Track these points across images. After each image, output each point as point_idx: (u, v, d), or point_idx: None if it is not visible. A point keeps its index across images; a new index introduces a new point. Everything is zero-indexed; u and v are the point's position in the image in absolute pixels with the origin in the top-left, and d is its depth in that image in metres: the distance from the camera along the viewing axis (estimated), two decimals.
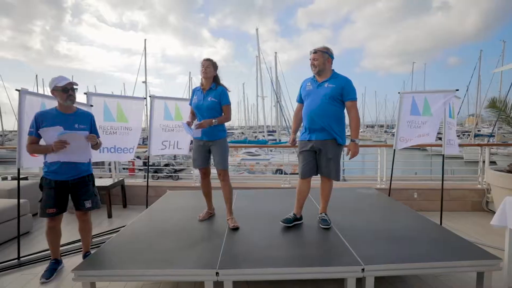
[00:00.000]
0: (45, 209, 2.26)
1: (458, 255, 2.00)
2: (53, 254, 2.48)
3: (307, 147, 2.48)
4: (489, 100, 3.80)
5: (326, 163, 2.44)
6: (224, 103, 2.55)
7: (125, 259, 2.01)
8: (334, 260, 1.97)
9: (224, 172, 2.60)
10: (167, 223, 2.66)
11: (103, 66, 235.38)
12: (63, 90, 2.21)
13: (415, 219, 2.73)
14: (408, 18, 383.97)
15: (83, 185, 2.35)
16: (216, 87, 2.55)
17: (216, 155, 2.59)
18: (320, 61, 2.37)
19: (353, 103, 2.39)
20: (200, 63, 2.57)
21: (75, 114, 2.32)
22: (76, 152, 2.22)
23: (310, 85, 2.48)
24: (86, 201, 2.37)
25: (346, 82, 2.38)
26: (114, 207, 4.28)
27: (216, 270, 1.83)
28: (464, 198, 4.13)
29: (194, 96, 2.62)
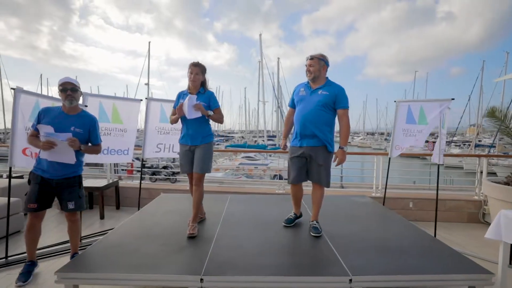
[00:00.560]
0: (27, 203, 2.26)
1: (449, 268, 1.97)
2: (30, 255, 2.41)
3: (297, 153, 2.48)
4: (488, 109, 3.78)
5: (317, 169, 2.44)
6: (215, 106, 2.53)
7: (110, 262, 1.97)
8: (322, 270, 1.93)
9: (200, 176, 2.50)
10: (156, 227, 2.63)
11: (108, 67, 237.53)
12: (62, 90, 2.23)
13: (408, 229, 2.70)
14: (412, 27, 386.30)
15: (68, 186, 2.33)
16: (204, 91, 2.52)
17: (197, 157, 2.50)
18: (316, 67, 2.39)
19: (344, 111, 2.41)
20: (189, 67, 2.49)
21: (77, 115, 2.33)
22: (61, 153, 2.21)
23: (303, 90, 2.49)
24: (69, 202, 2.35)
25: (339, 90, 2.40)
26: (107, 208, 4.26)
27: (200, 276, 1.80)
28: (460, 209, 4.08)
29: (180, 100, 2.53)
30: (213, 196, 3.83)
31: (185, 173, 2.65)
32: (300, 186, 2.65)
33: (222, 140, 34.24)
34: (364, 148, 37.47)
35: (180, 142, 2.61)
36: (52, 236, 3.26)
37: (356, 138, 50.54)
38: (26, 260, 2.41)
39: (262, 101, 27.13)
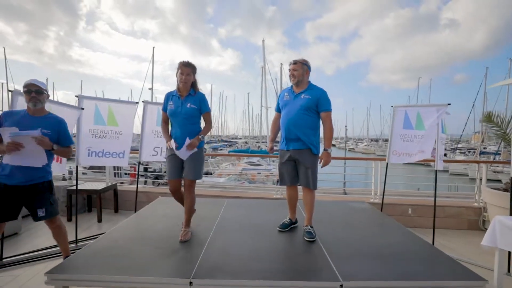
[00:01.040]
0: None
1: (443, 274, 1.94)
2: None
3: (285, 157, 2.55)
4: (484, 114, 3.76)
5: (305, 172, 2.48)
6: (205, 110, 2.46)
7: (101, 264, 1.98)
8: (312, 275, 1.91)
9: (191, 183, 2.45)
10: (150, 230, 2.64)
11: (113, 72, 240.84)
12: (26, 92, 2.14)
13: (405, 236, 2.66)
14: (415, 34, 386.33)
15: (37, 192, 2.19)
16: (195, 93, 2.43)
17: (188, 164, 2.40)
18: (299, 72, 2.44)
19: (327, 113, 2.45)
20: (178, 66, 2.37)
21: (43, 117, 2.21)
22: (29, 155, 2.07)
23: (287, 95, 2.55)
24: (39, 209, 2.20)
25: (321, 93, 2.45)
26: (106, 212, 4.28)
27: (190, 279, 1.79)
28: (459, 216, 4.02)
29: (169, 102, 2.43)
30: (209, 201, 3.83)
31: (172, 179, 2.48)
32: (295, 188, 2.69)
33: (225, 146, 34.33)
34: (368, 154, 37.16)
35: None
36: (49, 239, 3.27)
37: (360, 145, 50.24)
38: None
39: (265, 106, 27.20)
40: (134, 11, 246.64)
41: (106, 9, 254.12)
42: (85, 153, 3.09)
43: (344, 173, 6.42)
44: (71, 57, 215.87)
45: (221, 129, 55.82)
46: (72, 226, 3.68)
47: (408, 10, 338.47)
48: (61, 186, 4.18)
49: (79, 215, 4.02)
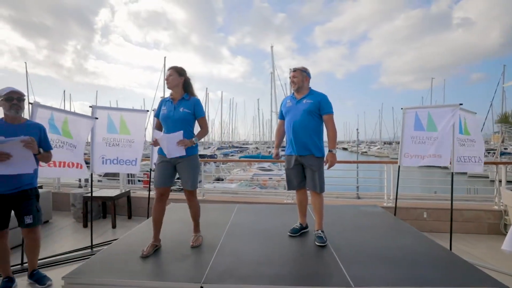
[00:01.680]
0: None
1: (461, 281, 1.86)
2: (4, 272, 2.32)
3: (292, 161, 2.59)
4: (498, 115, 3.64)
5: (312, 176, 2.51)
6: (200, 115, 2.37)
7: (115, 269, 2.03)
8: (323, 280, 1.89)
9: (190, 193, 2.40)
10: (162, 235, 2.65)
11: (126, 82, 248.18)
12: (7, 99, 2.14)
13: (419, 240, 2.58)
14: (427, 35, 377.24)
15: (24, 199, 2.22)
16: (189, 97, 2.36)
17: (183, 173, 2.31)
18: (299, 78, 2.54)
19: (329, 116, 2.52)
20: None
21: (23, 125, 2.22)
22: (18, 163, 2.06)
23: (290, 102, 2.63)
24: (27, 216, 2.22)
25: (322, 97, 2.53)
26: (119, 218, 4.38)
27: (200, 284, 1.81)
28: (479, 220, 3.87)
29: (162, 107, 2.37)
30: (220, 206, 3.86)
31: (159, 186, 2.33)
32: (305, 193, 2.71)
33: (236, 151, 34.48)
34: (381, 157, 36.35)
35: (159, 152, 2.37)
36: (66, 244, 3.38)
37: (373, 148, 49.26)
38: (2, 277, 2.32)
39: (275, 111, 27.25)
40: (147, 23, 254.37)
41: (120, 22, 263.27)
42: (99, 161, 3.19)
43: (357, 177, 6.32)
44: (87, 70, 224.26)
45: (232, 135, 56.26)
46: (87, 232, 3.79)
47: (418, 11, 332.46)
48: (77, 193, 4.31)
49: (94, 221, 4.13)
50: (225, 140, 53.29)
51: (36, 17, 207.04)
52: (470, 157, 3.17)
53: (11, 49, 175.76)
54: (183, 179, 2.34)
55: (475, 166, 3.20)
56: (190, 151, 2.32)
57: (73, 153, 2.91)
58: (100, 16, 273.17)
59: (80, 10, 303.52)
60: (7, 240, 2.28)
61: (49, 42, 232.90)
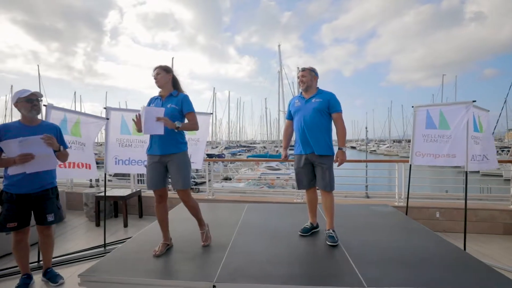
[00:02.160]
0: (4, 223, 2.19)
1: (477, 283, 1.82)
2: (23, 269, 2.38)
3: (302, 161, 2.60)
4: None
5: (322, 175, 2.51)
6: (188, 110, 2.29)
7: (129, 267, 2.06)
8: (335, 280, 1.87)
9: (184, 193, 2.29)
10: (173, 234, 2.69)
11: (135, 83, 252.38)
12: (27, 100, 2.19)
13: (432, 240, 2.54)
14: (438, 30, 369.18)
15: (46, 198, 2.30)
16: (177, 94, 2.32)
17: (173, 172, 2.23)
18: (308, 78, 2.56)
19: (338, 114, 2.54)
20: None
21: (39, 126, 2.28)
22: (41, 161, 2.14)
23: (298, 102, 2.65)
24: (49, 214, 2.31)
25: (330, 96, 2.54)
26: (131, 217, 4.45)
27: (213, 283, 1.82)
28: (494, 220, 3.78)
29: (151, 105, 2.35)
30: (230, 205, 3.88)
31: (153, 188, 2.29)
32: (315, 192, 2.72)
33: (244, 151, 34.54)
34: (391, 156, 35.85)
35: (148, 153, 2.31)
36: (79, 243, 3.46)
37: (382, 146, 48.63)
38: (21, 274, 2.39)
39: (282, 110, 27.19)
40: (155, 24, 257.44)
41: (128, 24, 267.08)
42: (113, 161, 3.25)
43: (366, 176, 6.25)
44: (97, 71, 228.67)
45: (239, 134, 56.39)
46: (100, 231, 3.87)
47: (428, 6, 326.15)
48: (90, 193, 4.40)
49: (106, 220, 4.22)
50: (233, 139, 53.47)
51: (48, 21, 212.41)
52: (483, 155, 3.09)
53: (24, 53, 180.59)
54: (174, 179, 2.23)
55: (489, 164, 3.12)
56: (178, 148, 2.24)
57: (84, 152, 2.96)
58: (109, 18, 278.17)
59: (89, 12, 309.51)
60: (28, 238, 2.35)
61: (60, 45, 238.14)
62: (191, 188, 2.40)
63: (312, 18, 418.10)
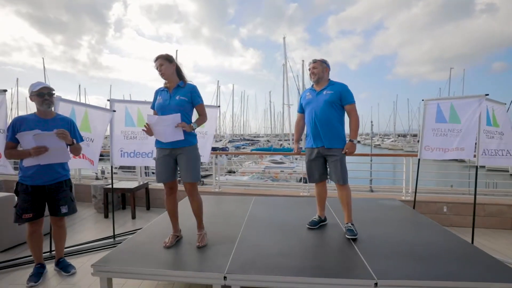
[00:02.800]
0: (21, 214, 2.22)
1: (486, 276, 1.83)
2: (37, 259, 2.44)
3: (314, 154, 2.60)
4: None
5: (334, 168, 2.50)
6: (198, 102, 2.28)
7: (140, 258, 2.09)
8: (345, 272, 1.89)
9: (191, 186, 2.27)
10: (182, 226, 2.71)
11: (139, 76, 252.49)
12: (38, 94, 2.21)
13: (440, 234, 2.54)
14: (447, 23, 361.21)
15: (60, 190, 2.34)
16: (184, 84, 2.26)
17: (183, 165, 2.21)
18: (319, 69, 2.54)
19: (351, 106, 2.51)
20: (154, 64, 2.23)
21: (54, 119, 2.31)
22: (55, 153, 2.18)
23: (309, 94, 2.62)
24: (63, 206, 2.34)
25: (342, 87, 2.51)
26: (138, 209, 4.50)
27: (224, 274, 1.85)
28: (502, 215, 3.76)
29: (157, 97, 2.29)
30: (237, 198, 3.90)
31: (163, 182, 2.28)
32: (324, 185, 2.72)
33: (248, 144, 34.56)
34: (395, 150, 35.59)
35: (157, 146, 2.28)
36: (89, 234, 3.51)
37: (387, 141, 48.30)
38: (35, 263, 2.44)
39: (287, 104, 27.07)
40: (159, 16, 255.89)
41: (132, 16, 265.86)
42: (118, 154, 3.26)
43: (370, 170, 6.23)
44: (101, 64, 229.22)
45: (243, 128, 56.36)
46: (108, 222, 3.94)
47: None
48: (98, 185, 4.44)
49: (114, 212, 4.27)
50: (237, 133, 53.49)
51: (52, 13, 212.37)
52: (497, 150, 3.04)
53: (29, 46, 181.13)
54: (184, 172, 2.21)
55: (503, 159, 3.07)
56: (189, 141, 2.22)
57: (90, 148, 2.96)
58: (113, 10, 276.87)
59: (93, 4, 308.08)
60: (41, 228, 2.40)
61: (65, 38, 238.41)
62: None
63: (318, 9, 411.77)
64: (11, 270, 2.58)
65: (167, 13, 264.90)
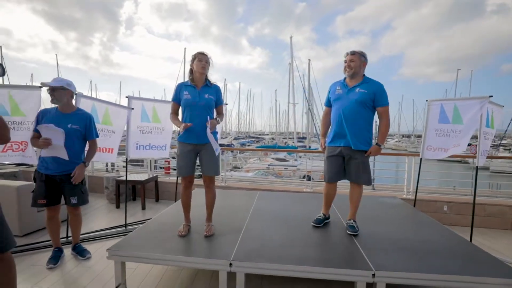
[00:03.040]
0: (36, 199, 2.40)
1: (481, 271, 1.90)
2: (55, 243, 2.61)
3: (335, 153, 2.48)
4: None
5: (356, 169, 2.42)
6: (221, 102, 2.44)
7: (151, 245, 2.23)
8: (345, 263, 2.00)
9: (210, 179, 2.43)
10: (191, 217, 2.86)
11: (148, 73, 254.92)
12: (48, 91, 2.35)
13: (439, 231, 2.62)
14: (456, 23, 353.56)
15: (70, 181, 2.42)
16: (210, 84, 2.38)
17: (207, 160, 2.34)
18: (357, 63, 2.35)
19: (384, 108, 2.35)
20: (196, 56, 2.31)
21: (72, 114, 2.43)
22: (55, 149, 2.30)
23: (340, 89, 2.44)
24: (72, 197, 2.46)
25: (378, 87, 2.34)
26: (147, 201, 4.68)
27: (230, 261, 1.97)
28: (503, 215, 3.81)
29: (184, 92, 2.32)
30: (242, 193, 4.03)
31: (185, 175, 2.38)
32: (335, 185, 2.66)
33: (253, 142, 34.67)
34: (399, 151, 35.21)
35: (180, 140, 2.35)
36: (102, 223, 3.68)
37: (391, 141, 47.88)
38: (53, 247, 2.61)
39: (292, 103, 27.02)
40: (169, 14, 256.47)
41: (143, 14, 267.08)
42: (134, 147, 3.46)
43: (373, 168, 6.26)
44: (112, 61, 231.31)
45: (249, 125, 56.43)
46: (119, 212, 4.11)
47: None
48: (110, 176, 4.63)
49: (126, 202, 4.44)
50: (242, 130, 53.60)
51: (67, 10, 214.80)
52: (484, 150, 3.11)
53: (43, 42, 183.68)
54: (207, 166, 2.35)
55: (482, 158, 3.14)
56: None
57: (110, 138, 3.17)
58: (124, 8, 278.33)
59: (105, 2, 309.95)
60: (59, 214, 2.56)
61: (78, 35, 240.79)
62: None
63: (327, 9, 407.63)
64: (32, 253, 2.76)
65: (176, 11, 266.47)
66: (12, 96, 2.71)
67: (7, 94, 2.69)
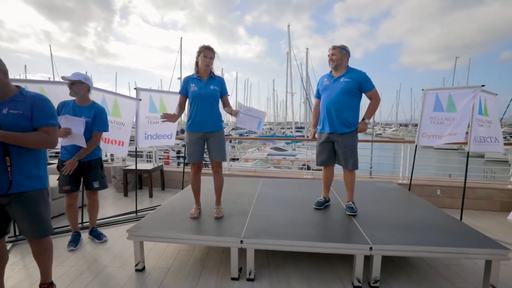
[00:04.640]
0: (61, 186, 2.60)
1: (467, 243, 2.12)
2: (73, 228, 2.81)
3: (323, 138, 2.73)
4: None
5: (343, 154, 2.65)
6: (226, 93, 2.59)
7: (166, 226, 2.41)
8: (344, 238, 2.20)
9: (218, 165, 2.60)
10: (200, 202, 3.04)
11: (144, 63, 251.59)
12: (67, 85, 2.51)
13: (432, 212, 2.83)
14: (458, 10, 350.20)
15: (92, 167, 2.66)
16: (215, 76, 2.54)
17: (215, 147, 2.52)
18: (338, 56, 2.57)
19: (372, 92, 2.57)
20: (201, 51, 2.44)
21: (87, 107, 2.58)
22: (74, 138, 2.43)
23: (327, 80, 2.69)
24: (94, 181, 2.68)
25: (361, 76, 2.55)
26: (154, 189, 4.85)
27: (241, 238, 2.17)
28: (491, 198, 4.05)
29: (191, 84, 2.48)
30: (246, 180, 4.21)
31: (194, 162, 2.56)
32: (331, 169, 2.87)
33: (251, 132, 34.79)
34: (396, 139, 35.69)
35: (189, 129, 2.52)
36: (112, 210, 3.86)
37: (388, 130, 48.28)
38: (72, 231, 2.81)
39: (290, 92, 27.09)
40: (164, 3, 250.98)
41: (138, 3, 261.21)
42: (143, 136, 3.60)
43: (371, 155, 6.47)
44: (108, 51, 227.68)
45: None
46: (127, 200, 4.29)
47: None
48: (117, 166, 4.78)
49: (132, 191, 4.62)
50: None
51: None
52: (486, 137, 3.30)
53: (36, 32, 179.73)
54: (215, 152, 2.52)
55: (493, 146, 3.33)
56: (220, 126, 2.55)
57: (120, 131, 3.31)
58: None
59: None
60: (77, 201, 2.74)
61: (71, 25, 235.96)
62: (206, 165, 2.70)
63: None
64: (52, 237, 2.93)
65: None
66: (43, 89, 2.86)
67: (39, 89, 2.85)
